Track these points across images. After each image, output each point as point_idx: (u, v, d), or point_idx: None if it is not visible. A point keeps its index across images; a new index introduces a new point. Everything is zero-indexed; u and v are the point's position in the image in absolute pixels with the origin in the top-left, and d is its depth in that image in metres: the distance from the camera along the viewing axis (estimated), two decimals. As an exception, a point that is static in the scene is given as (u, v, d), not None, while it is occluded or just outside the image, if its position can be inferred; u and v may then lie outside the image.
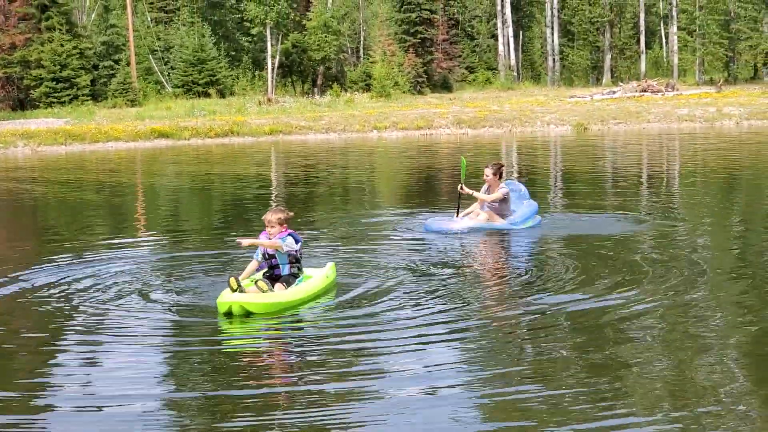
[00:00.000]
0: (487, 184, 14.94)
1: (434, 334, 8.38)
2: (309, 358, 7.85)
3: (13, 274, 11.58)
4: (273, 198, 21.55)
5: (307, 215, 17.09)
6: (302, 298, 9.68)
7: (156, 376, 7.52)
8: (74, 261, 12.50)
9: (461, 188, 14.89)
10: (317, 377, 7.30)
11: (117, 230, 16.54)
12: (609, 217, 15.66)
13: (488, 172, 14.85)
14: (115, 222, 18.21)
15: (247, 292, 9.38)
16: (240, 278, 9.63)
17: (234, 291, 9.26)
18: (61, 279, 11.16)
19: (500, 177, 14.92)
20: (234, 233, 14.80)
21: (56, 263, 12.32)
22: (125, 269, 11.76)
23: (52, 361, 8.05)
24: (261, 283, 9.44)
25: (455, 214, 14.85)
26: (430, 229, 14.30)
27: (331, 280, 10.36)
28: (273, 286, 9.70)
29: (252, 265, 10.16)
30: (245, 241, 10.02)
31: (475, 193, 14.78)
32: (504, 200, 14.73)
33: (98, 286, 10.69)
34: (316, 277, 10.14)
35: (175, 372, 7.70)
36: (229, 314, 9.15)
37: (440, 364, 7.54)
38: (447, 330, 8.55)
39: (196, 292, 10.30)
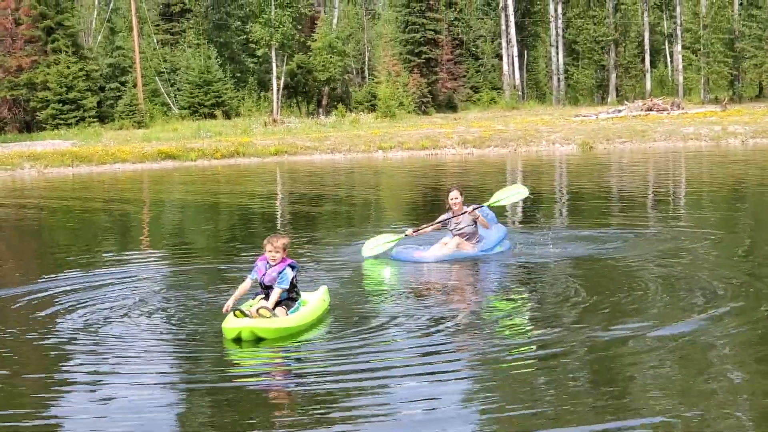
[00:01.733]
0: (454, 209, 14.07)
1: (439, 362, 8.27)
2: (315, 385, 7.74)
3: (16, 295, 11.58)
4: (278, 217, 21.58)
5: (306, 236, 17.04)
6: (308, 322, 9.64)
7: (162, 405, 7.41)
8: (79, 282, 12.48)
9: (411, 233, 14.19)
10: (326, 403, 7.27)
11: (122, 251, 16.50)
12: (616, 236, 15.38)
13: (457, 195, 14.05)
14: (121, 243, 18.21)
15: (251, 317, 9.25)
16: (234, 297, 9.70)
17: (238, 318, 9.17)
18: (65, 300, 11.15)
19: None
20: (239, 254, 14.81)
21: (60, 284, 12.32)
22: (129, 291, 11.75)
23: (51, 387, 7.98)
24: (263, 311, 9.36)
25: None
26: (398, 258, 13.58)
27: (327, 303, 10.31)
28: (274, 310, 9.60)
29: (245, 285, 9.98)
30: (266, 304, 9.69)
31: (473, 217, 13.96)
32: (475, 223, 14.09)
33: (102, 309, 10.63)
34: (315, 300, 10.09)
35: (181, 399, 7.63)
36: (237, 340, 9.04)
37: (446, 387, 7.51)
38: (452, 359, 8.42)
39: (200, 315, 10.23)
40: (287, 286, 9.78)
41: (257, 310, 9.37)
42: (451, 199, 14.02)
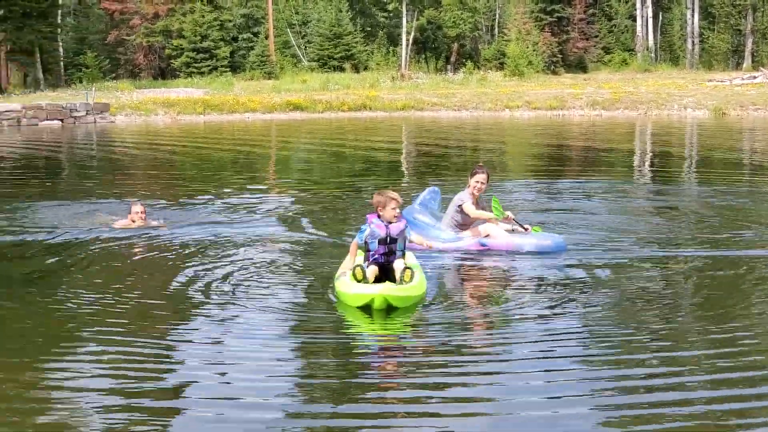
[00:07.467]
0: (476, 194, 11.20)
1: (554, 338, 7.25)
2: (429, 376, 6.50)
3: (133, 240, 11.78)
4: (402, 169, 21.70)
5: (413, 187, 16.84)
6: (425, 290, 8.54)
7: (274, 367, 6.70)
8: (201, 225, 12.59)
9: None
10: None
11: (246, 193, 16.57)
12: (749, 214, 13.86)
13: (484, 178, 11.18)
14: (246, 185, 18.32)
15: (370, 282, 8.19)
16: (352, 260, 8.65)
17: (359, 281, 8.12)
18: (186, 243, 11.24)
19: None
20: (361, 198, 14.89)
21: (183, 223, 12.67)
22: (250, 235, 11.77)
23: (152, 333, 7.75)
24: (408, 273, 8.21)
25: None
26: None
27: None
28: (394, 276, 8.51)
29: (354, 248, 8.80)
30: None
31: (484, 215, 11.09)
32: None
33: (224, 258, 10.31)
34: (416, 265, 8.91)
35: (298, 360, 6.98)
36: (364, 308, 7.97)
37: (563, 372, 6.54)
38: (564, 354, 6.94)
39: (317, 273, 9.53)
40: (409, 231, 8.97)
41: (403, 271, 8.27)
42: (479, 182, 11.18)
